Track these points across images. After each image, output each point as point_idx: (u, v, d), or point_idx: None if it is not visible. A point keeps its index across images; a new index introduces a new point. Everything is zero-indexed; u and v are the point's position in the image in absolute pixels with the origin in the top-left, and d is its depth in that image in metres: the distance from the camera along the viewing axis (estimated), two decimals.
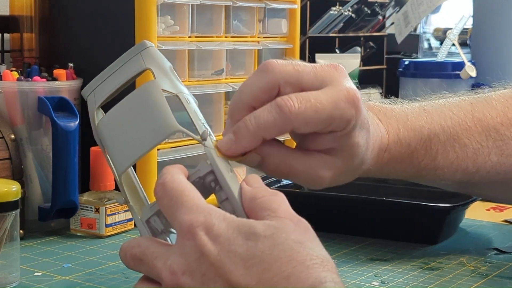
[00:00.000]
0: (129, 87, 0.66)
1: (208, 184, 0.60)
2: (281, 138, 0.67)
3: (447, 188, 0.84)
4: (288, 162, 0.66)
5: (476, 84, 1.40)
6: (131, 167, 0.65)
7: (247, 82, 0.65)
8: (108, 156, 0.65)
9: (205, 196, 0.59)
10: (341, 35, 1.62)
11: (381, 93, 1.65)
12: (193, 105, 0.64)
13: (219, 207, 0.57)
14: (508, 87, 0.84)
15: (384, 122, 0.74)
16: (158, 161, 0.97)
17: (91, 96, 0.67)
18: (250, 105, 0.64)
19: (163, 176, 0.58)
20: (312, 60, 1.45)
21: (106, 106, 0.66)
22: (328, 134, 0.65)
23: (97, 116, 0.66)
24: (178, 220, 0.55)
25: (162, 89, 0.63)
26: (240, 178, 0.60)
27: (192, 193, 0.56)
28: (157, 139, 0.61)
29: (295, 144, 0.69)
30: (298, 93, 0.63)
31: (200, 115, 0.64)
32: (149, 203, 0.64)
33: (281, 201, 0.57)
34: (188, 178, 0.59)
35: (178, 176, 0.57)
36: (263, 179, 0.61)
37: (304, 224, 0.56)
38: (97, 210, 0.91)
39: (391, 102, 0.78)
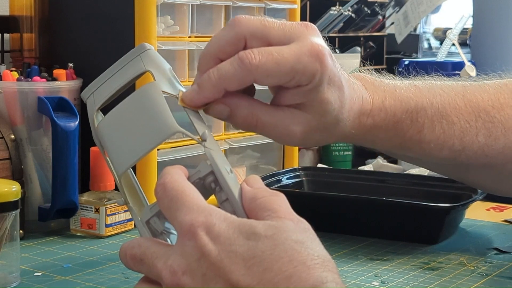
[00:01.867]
0: (128, 89, 0.66)
1: (209, 185, 0.60)
2: None
3: (435, 169, 0.85)
4: (256, 113, 0.67)
5: None
6: (130, 168, 0.65)
7: (215, 35, 0.67)
8: (107, 158, 0.65)
9: (206, 197, 0.59)
10: (341, 35, 1.62)
11: (369, 70, 1.65)
12: None
13: (219, 207, 0.57)
14: (504, 77, 0.84)
15: (370, 90, 0.75)
16: (158, 161, 0.97)
17: (91, 98, 0.67)
18: (216, 56, 0.66)
19: (163, 176, 0.58)
20: None
21: (106, 109, 0.66)
22: (295, 88, 0.67)
23: (97, 119, 0.66)
24: (179, 220, 0.55)
25: (162, 91, 0.63)
26: (240, 178, 0.60)
27: (193, 193, 0.56)
28: (157, 140, 0.61)
29: None
30: (262, 48, 0.65)
31: (200, 116, 0.64)
32: (148, 204, 0.64)
33: (281, 201, 0.57)
34: (189, 178, 0.59)
35: (178, 177, 0.57)
36: (263, 179, 0.61)
37: (304, 224, 0.56)
38: (97, 210, 0.91)
39: (380, 76, 0.78)
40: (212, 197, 0.60)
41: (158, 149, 0.97)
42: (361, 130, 0.74)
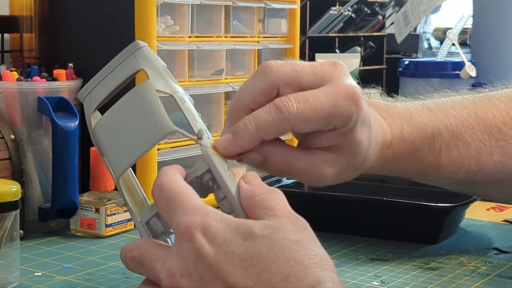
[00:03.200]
0: (126, 88, 0.66)
1: (206, 183, 0.60)
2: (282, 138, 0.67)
3: (450, 187, 0.84)
4: (290, 160, 0.66)
5: (476, 84, 1.40)
6: (130, 168, 0.65)
7: (246, 84, 0.65)
8: (105, 159, 0.64)
9: (204, 195, 0.59)
10: (341, 35, 1.62)
11: (381, 94, 1.66)
12: (188, 104, 0.64)
13: (217, 206, 0.57)
14: (510, 87, 0.84)
15: (387, 119, 0.74)
16: (158, 161, 0.97)
17: (87, 99, 0.67)
18: (249, 107, 0.64)
19: (160, 177, 0.58)
20: (312, 60, 1.45)
21: (103, 108, 0.66)
22: (330, 131, 0.66)
23: (94, 119, 0.66)
24: (176, 222, 0.55)
25: (156, 90, 0.62)
26: (238, 176, 0.60)
27: (189, 194, 0.56)
28: (153, 141, 0.61)
29: (296, 142, 0.69)
30: (297, 93, 0.63)
31: (196, 114, 0.64)
32: (149, 204, 0.64)
33: (279, 199, 0.57)
34: (186, 178, 0.59)
35: (175, 177, 0.57)
36: (263, 179, 0.61)
37: (302, 222, 0.55)
38: (97, 210, 0.91)
39: (394, 100, 0.78)
40: (211, 196, 0.60)
41: (158, 149, 0.97)
42: (382, 162, 0.73)
